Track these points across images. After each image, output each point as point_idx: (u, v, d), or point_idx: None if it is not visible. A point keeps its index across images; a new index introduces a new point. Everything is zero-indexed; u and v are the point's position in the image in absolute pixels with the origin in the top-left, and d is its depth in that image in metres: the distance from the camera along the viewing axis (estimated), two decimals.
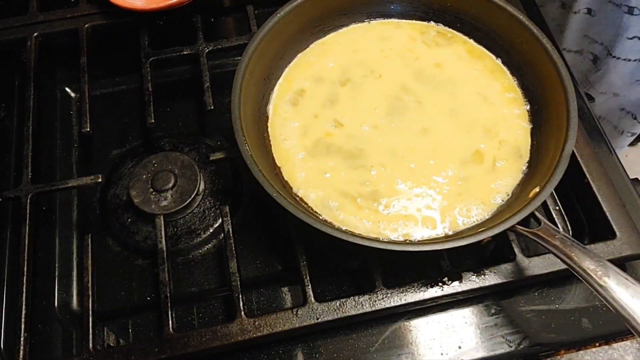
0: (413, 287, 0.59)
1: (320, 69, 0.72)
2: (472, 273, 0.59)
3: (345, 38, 0.75)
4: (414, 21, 0.75)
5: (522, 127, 0.67)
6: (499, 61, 0.72)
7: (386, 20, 0.75)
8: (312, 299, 0.58)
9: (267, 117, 0.69)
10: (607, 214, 0.63)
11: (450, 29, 0.74)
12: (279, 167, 0.65)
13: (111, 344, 0.62)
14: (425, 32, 0.74)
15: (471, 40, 0.73)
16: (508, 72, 0.71)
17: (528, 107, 0.68)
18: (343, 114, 0.68)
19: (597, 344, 0.60)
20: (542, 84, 0.66)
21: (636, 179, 0.69)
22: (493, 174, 0.64)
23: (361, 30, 0.75)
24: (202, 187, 0.70)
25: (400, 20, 0.75)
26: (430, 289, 0.59)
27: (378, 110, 0.68)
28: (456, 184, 0.63)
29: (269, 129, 0.68)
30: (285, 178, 0.64)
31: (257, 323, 0.57)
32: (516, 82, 0.70)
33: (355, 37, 0.75)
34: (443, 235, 0.60)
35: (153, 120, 0.71)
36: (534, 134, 0.66)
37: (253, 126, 0.65)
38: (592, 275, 0.48)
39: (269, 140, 0.67)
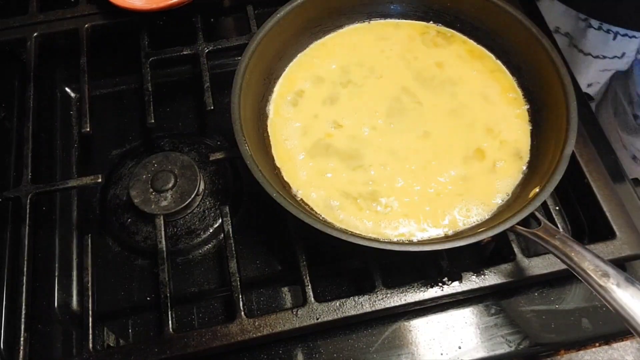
0: (413, 287, 0.59)
1: (320, 69, 0.72)
2: (472, 273, 0.59)
3: (346, 38, 0.75)
4: (413, 21, 0.75)
5: (522, 128, 0.67)
6: (498, 61, 0.72)
7: (386, 20, 0.75)
8: (312, 299, 0.58)
9: (267, 117, 0.69)
10: (607, 214, 0.63)
11: (450, 29, 0.74)
12: (279, 168, 0.65)
13: (111, 344, 0.62)
14: (425, 32, 0.74)
15: (471, 41, 0.73)
16: (508, 72, 0.71)
17: (528, 107, 0.68)
18: (343, 115, 0.68)
19: (597, 344, 0.60)
20: (542, 84, 0.66)
21: (636, 179, 0.69)
22: (493, 174, 0.64)
23: (361, 30, 0.75)
24: (202, 187, 0.70)
25: (400, 21, 0.75)
26: (430, 289, 0.59)
27: (378, 112, 0.68)
28: (456, 184, 0.63)
29: (269, 129, 0.68)
30: (285, 178, 0.64)
31: (257, 323, 0.57)
32: (516, 82, 0.70)
33: (356, 37, 0.75)
34: (443, 235, 0.60)
35: (153, 120, 0.71)
36: (534, 134, 0.66)
37: (253, 126, 0.65)
38: (592, 275, 0.48)
39: (269, 140, 0.67)
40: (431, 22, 0.75)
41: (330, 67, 0.72)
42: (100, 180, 0.65)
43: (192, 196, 0.67)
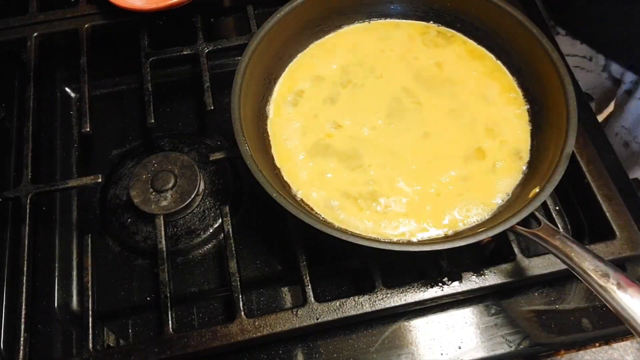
0: (413, 287, 0.59)
1: (320, 69, 0.72)
2: (472, 273, 0.59)
3: (346, 38, 0.75)
4: (414, 21, 0.75)
5: (522, 128, 0.67)
6: (499, 62, 0.72)
7: (386, 20, 0.75)
8: (312, 299, 0.58)
9: (267, 117, 0.69)
10: (607, 214, 0.63)
11: (451, 29, 0.74)
12: (279, 168, 0.65)
13: (111, 344, 0.62)
14: (426, 32, 0.74)
15: (471, 41, 0.73)
16: (508, 72, 0.71)
17: (528, 108, 0.68)
18: (343, 115, 0.68)
19: (597, 344, 0.60)
20: (542, 84, 0.66)
21: (636, 179, 0.69)
22: (493, 174, 0.64)
23: (361, 30, 0.75)
24: (202, 187, 0.70)
25: (400, 21, 0.75)
26: (430, 289, 0.59)
27: (378, 112, 0.68)
28: (456, 184, 0.63)
29: (269, 129, 0.68)
30: (285, 178, 0.64)
31: (257, 323, 0.57)
32: (516, 82, 0.70)
33: (356, 37, 0.75)
34: (443, 235, 0.60)
35: (153, 120, 0.71)
36: (534, 134, 0.66)
37: (253, 126, 0.65)
38: (592, 275, 0.48)
39: (269, 140, 0.67)
40: (431, 22, 0.75)
41: (331, 67, 0.72)
42: (100, 180, 0.65)
43: (192, 196, 0.67)
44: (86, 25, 0.78)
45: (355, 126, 0.67)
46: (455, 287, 0.59)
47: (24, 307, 0.58)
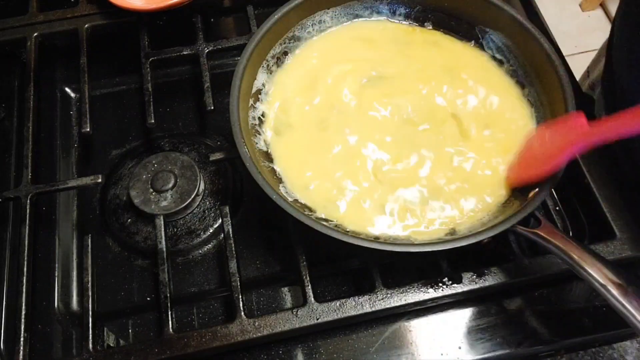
0: (413, 287, 0.59)
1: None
2: (472, 273, 0.59)
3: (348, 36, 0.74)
4: (407, 22, 0.74)
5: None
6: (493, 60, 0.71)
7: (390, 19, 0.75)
8: (312, 299, 0.58)
9: None
10: (607, 214, 0.63)
11: (450, 31, 0.73)
12: None
13: (111, 344, 0.62)
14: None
15: (469, 43, 0.73)
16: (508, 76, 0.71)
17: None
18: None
19: (597, 344, 0.60)
20: (541, 84, 0.66)
21: None
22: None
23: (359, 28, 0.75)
24: (202, 187, 0.70)
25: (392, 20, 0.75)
26: (430, 290, 0.59)
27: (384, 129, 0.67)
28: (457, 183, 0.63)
29: None
30: None
31: (257, 323, 0.57)
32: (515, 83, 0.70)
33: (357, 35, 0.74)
34: (443, 235, 0.60)
35: (153, 120, 0.71)
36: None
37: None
38: (593, 274, 0.48)
39: None
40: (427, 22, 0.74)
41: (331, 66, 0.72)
42: (100, 180, 0.65)
43: (192, 196, 0.67)
44: (86, 25, 0.78)
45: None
46: (455, 288, 0.59)
47: (24, 307, 0.58)
